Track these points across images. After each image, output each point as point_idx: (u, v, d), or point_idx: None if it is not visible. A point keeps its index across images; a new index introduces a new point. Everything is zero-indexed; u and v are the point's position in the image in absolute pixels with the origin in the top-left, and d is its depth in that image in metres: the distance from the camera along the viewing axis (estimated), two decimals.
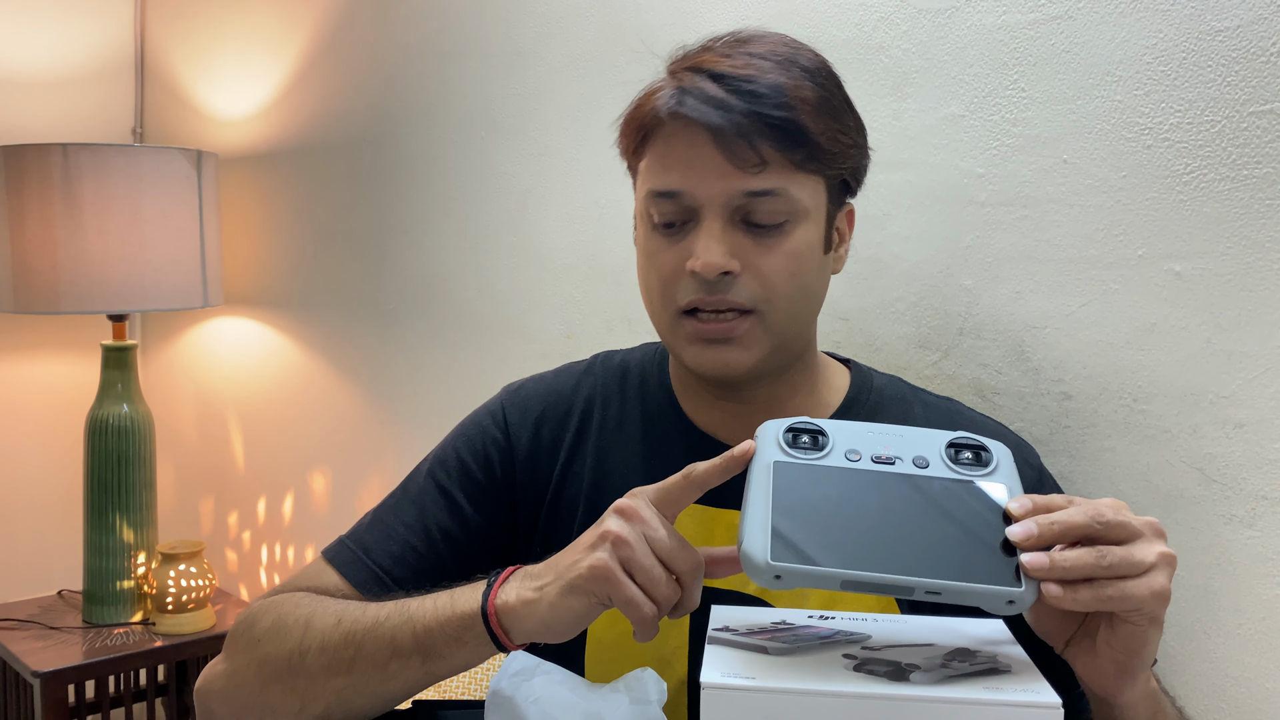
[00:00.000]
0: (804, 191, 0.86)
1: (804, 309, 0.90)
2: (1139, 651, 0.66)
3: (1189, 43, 0.97)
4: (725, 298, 0.86)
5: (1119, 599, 0.63)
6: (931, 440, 0.71)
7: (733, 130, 0.83)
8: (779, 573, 0.64)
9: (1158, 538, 0.66)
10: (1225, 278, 0.97)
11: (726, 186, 0.85)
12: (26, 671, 1.89)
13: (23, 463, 2.35)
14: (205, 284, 2.06)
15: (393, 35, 1.85)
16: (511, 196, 1.65)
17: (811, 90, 0.85)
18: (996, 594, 0.62)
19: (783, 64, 0.85)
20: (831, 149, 0.86)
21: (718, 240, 0.85)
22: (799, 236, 0.87)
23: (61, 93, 2.35)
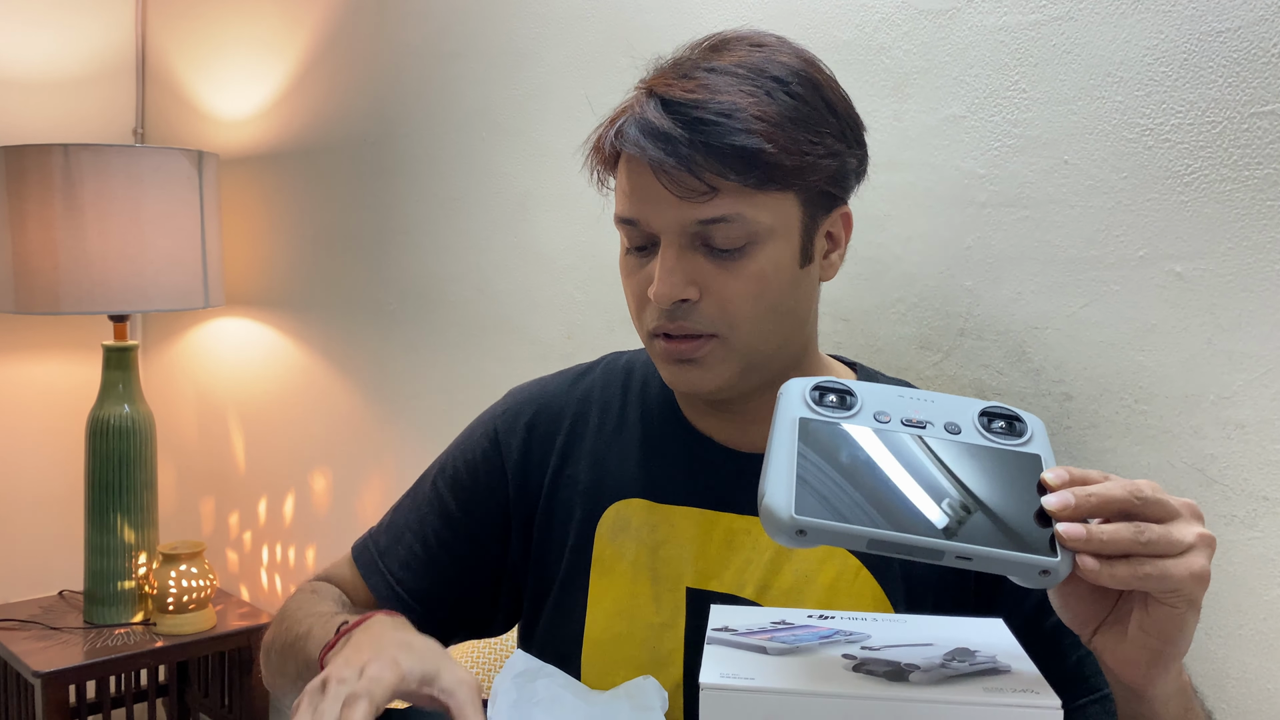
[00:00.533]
0: (765, 212, 0.83)
1: (776, 327, 0.88)
2: (1175, 638, 0.63)
3: (1190, 44, 0.97)
4: (684, 324, 0.85)
5: (1157, 577, 0.60)
6: (964, 407, 0.68)
7: (673, 162, 0.81)
8: (803, 527, 0.60)
9: (1196, 519, 0.63)
10: (1226, 279, 0.97)
11: (678, 216, 0.83)
12: (27, 672, 1.89)
13: (24, 463, 2.36)
14: (206, 284, 2.06)
15: (393, 36, 1.85)
16: (512, 197, 1.65)
17: (774, 105, 0.82)
18: (1030, 563, 0.59)
19: (747, 77, 0.83)
20: (797, 164, 0.82)
21: (670, 270, 0.84)
22: (763, 258, 0.84)
23: (63, 93, 2.36)
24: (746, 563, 0.90)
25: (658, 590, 0.92)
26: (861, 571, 0.88)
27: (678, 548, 0.92)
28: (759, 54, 0.85)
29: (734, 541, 0.91)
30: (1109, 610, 0.66)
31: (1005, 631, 0.70)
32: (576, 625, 0.93)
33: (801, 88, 0.84)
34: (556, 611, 0.96)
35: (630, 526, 0.94)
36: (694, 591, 0.91)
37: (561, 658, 0.93)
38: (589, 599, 0.94)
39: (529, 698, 0.75)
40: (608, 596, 0.93)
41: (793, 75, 0.84)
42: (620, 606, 0.92)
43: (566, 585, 0.95)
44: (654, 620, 0.91)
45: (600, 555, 0.94)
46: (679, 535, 0.92)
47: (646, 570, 0.92)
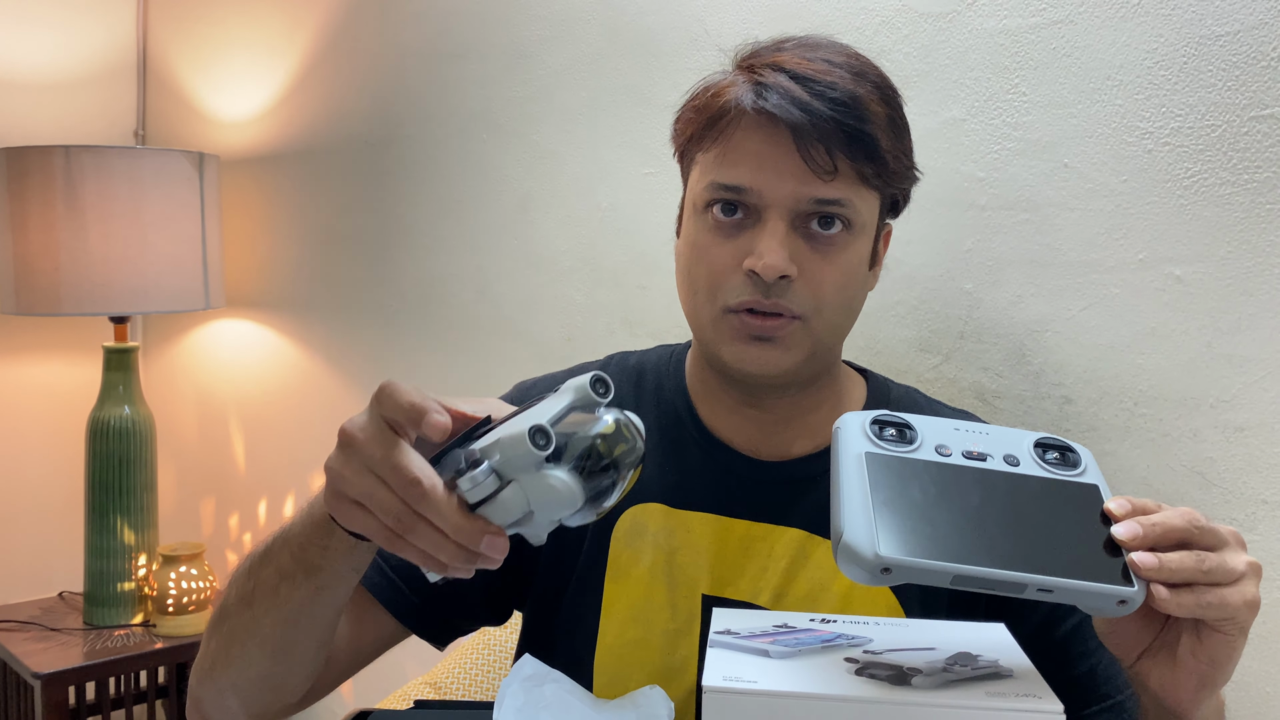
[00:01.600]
0: (865, 205, 0.86)
1: (845, 321, 0.90)
2: (1225, 664, 0.64)
3: (1190, 47, 0.98)
4: (780, 301, 0.84)
5: (1217, 605, 0.61)
6: (1018, 439, 0.69)
7: (815, 133, 0.81)
8: (889, 565, 0.60)
9: (1242, 547, 0.65)
10: (1226, 282, 0.97)
11: (797, 189, 0.83)
12: (27, 673, 1.89)
13: (24, 464, 2.35)
14: (207, 286, 2.06)
15: (394, 38, 1.85)
16: (512, 199, 1.65)
17: (884, 107, 0.84)
18: (1109, 593, 0.60)
19: (857, 76, 0.84)
20: (895, 167, 0.85)
21: (781, 243, 0.83)
22: (853, 249, 0.86)
23: (64, 95, 2.36)
24: (762, 570, 0.90)
25: (673, 596, 0.91)
26: None
27: (694, 554, 0.91)
28: (856, 60, 0.86)
29: (750, 548, 0.91)
30: (1155, 636, 0.67)
31: (1007, 636, 0.70)
32: (590, 630, 0.92)
33: (894, 99, 0.87)
34: (570, 615, 0.95)
35: (647, 531, 0.93)
36: (710, 598, 0.90)
37: (574, 662, 0.92)
38: (604, 603, 0.92)
39: (536, 701, 0.76)
40: (622, 601, 0.92)
41: (887, 86, 0.87)
42: (635, 612, 0.91)
43: (581, 589, 0.94)
44: (669, 626, 0.90)
45: (616, 559, 0.93)
46: (695, 541, 0.92)
47: (662, 576, 0.91)
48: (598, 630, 0.92)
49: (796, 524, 0.90)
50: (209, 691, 0.87)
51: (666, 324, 1.42)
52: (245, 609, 0.82)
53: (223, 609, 0.85)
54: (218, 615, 0.86)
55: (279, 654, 0.83)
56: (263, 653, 0.83)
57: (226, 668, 0.85)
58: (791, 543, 0.90)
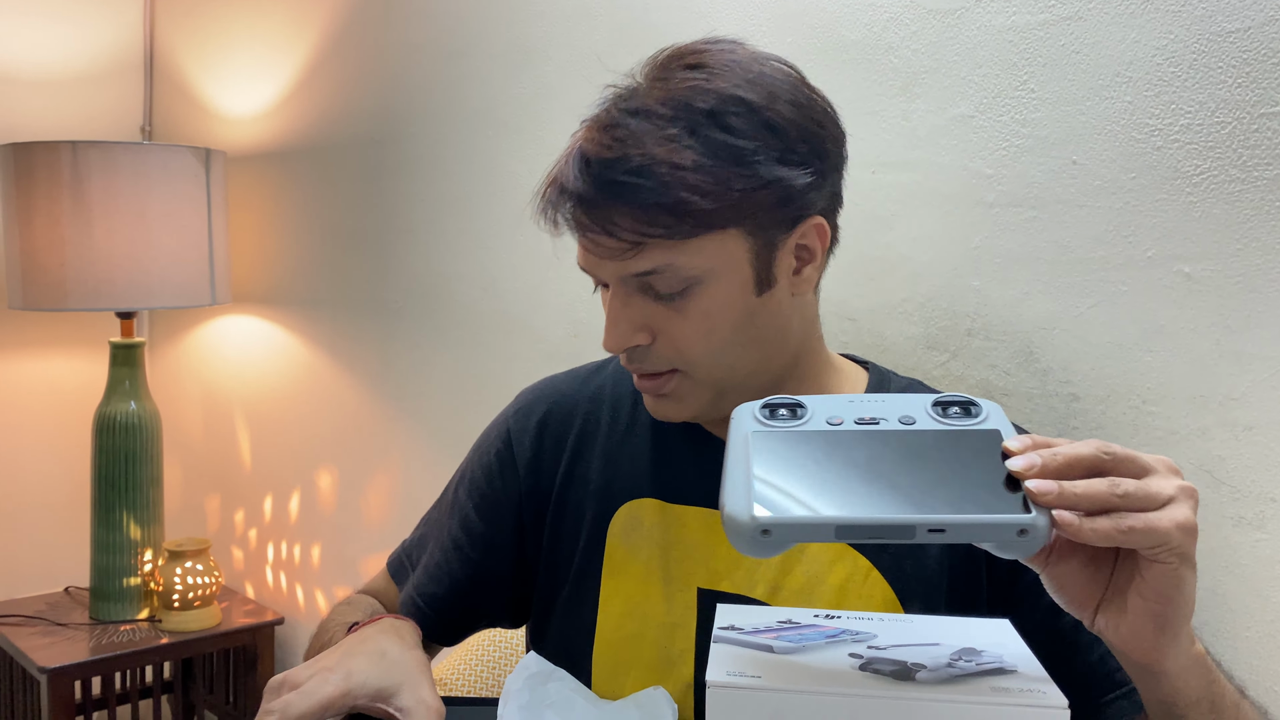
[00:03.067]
0: (698, 256, 0.82)
1: (741, 356, 0.87)
2: (1174, 597, 0.61)
3: (1199, 44, 0.97)
4: (642, 366, 0.87)
5: (1142, 531, 0.58)
6: (916, 401, 0.67)
7: (595, 228, 0.81)
8: (766, 526, 0.58)
9: (1173, 473, 0.62)
10: (1235, 279, 0.96)
11: (613, 269, 0.84)
12: (33, 667, 1.90)
13: (30, 459, 2.36)
14: (213, 282, 2.07)
15: (400, 35, 1.85)
16: (518, 196, 1.65)
17: (692, 151, 0.79)
18: (1006, 523, 0.57)
19: (670, 119, 0.80)
20: (723, 205, 0.80)
21: (615, 321, 0.85)
22: (707, 298, 0.83)
23: (70, 91, 2.36)
24: (757, 564, 0.90)
25: (669, 590, 0.92)
26: (872, 572, 0.88)
27: (689, 548, 0.92)
28: (690, 83, 0.81)
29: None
30: (1105, 586, 0.64)
31: (1012, 631, 0.70)
32: (588, 624, 0.93)
33: (734, 118, 0.80)
34: (568, 610, 0.96)
35: (643, 526, 0.94)
36: (705, 592, 0.91)
37: (572, 657, 0.93)
38: (600, 598, 0.94)
39: (541, 699, 0.76)
40: (619, 596, 0.93)
41: (725, 103, 0.80)
42: (632, 606, 0.92)
43: (578, 584, 0.95)
44: (665, 620, 0.91)
45: (612, 554, 0.94)
46: (690, 536, 0.92)
47: (658, 570, 0.92)
48: (595, 625, 0.93)
49: None
50: None
51: None
52: None
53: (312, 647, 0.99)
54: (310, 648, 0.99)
55: None
56: None
57: None
58: None
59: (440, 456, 1.83)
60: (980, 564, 0.88)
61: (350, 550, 2.04)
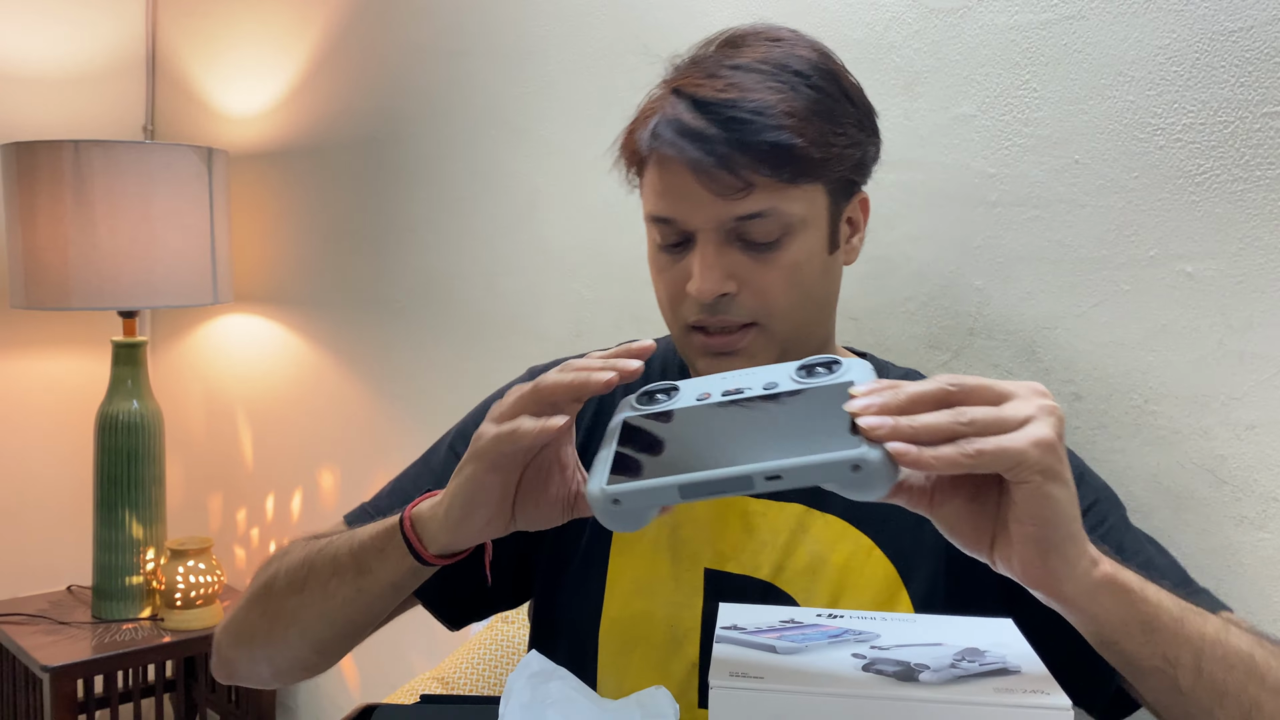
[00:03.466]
0: (798, 204, 0.85)
1: (809, 313, 0.90)
2: (1049, 517, 0.60)
3: (1202, 43, 0.97)
4: (725, 317, 0.87)
5: (993, 453, 0.58)
6: (784, 369, 0.68)
7: (712, 161, 0.82)
8: (615, 496, 0.62)
9: (1038, 395, 0.61)
10: (1237, 279, 0.96)
11: (714, 213, 0.85)
12: (36, 666, 1.90)
13: (33, 458, 2.36)
14: (215, 281, 2.07)
15: (402, 34, 1.85)
16: (520, 195, 1.65)
17: (800, 99, 0.83)
18: (838, 461, 0.57)
19: (772, 73, 0.84)
20: (825, 156, 0.85)
21: (709, 266, 0.86)
22: (796, 248, 0.86)
23: (73, 90, 2.36)
24: (762, 545, 0.92)
25: (676, 570, 0.93)
26: (874, 550, 0.90)
27: (696, 528, 0.93)
28: (778, 49, 0.86)
29: (750, 524, 0.93)
30: (992, 521, 0.64)
31: (1015, 632, 0.70)
32: (595, 603, 0.94)
33: (822, 80, 0.86)
34: (575, 588, 0.96)
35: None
36: (711, 572, 0.92)
37: (578, 635, 0.94)
38: (608, 576, 0.94)
39: (543, 698, 0.76)
40: (627, 574, 0.94)
41: (812, 68, 0.86)
42: (639, 585, 0.93)
43: (586, 562, 0.96)
44: (673, 599, 0.92)
45: (621, 534, 0.95)
46: (698, 516, 0.94)
47: (666, 550, 0.93)
48: (602, 603, 0.94)
49: (795, 499, 0.92)
50: (243, 656, 0.94)
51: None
52: (294, 594, 0.88)
53: (268, 586, 0.90)
54: (262, 589, 0.91)
55: (318, 647, 0.89)
56: (303, 641, 0.89)
57: (267, 644, 0.91)
58: (790, 517, 0.92)
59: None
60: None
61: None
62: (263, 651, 0.92)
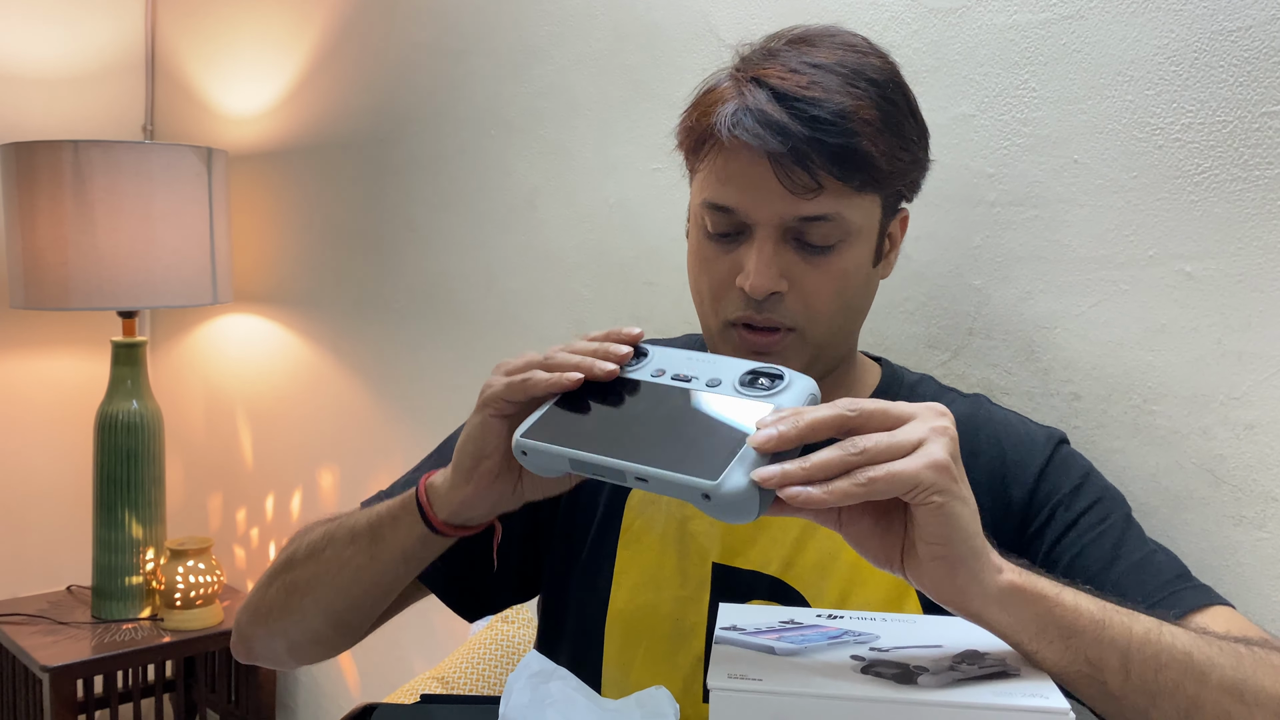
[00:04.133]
0: (858, 213, 0.86)
1: (847, 323, 0.91)
2: (950, 535, 0.61)
3: (1201, 43, 0.97)
4: (771, 317, 0.87)
5: (885, 479, 0.59)
6: (737, 367, 0.70)
7: (791, 156, 0.82)
8: (525, 448, 0.68)
9: (935, 416, 0.63)
10: (1236, 279, 0.96)
11: (781, 209, 0.84)
12: (35, 666, 1.90)
13: (32, 458, 2.36)
14: (215, 281, 2.07)
15: (402, 34, 1.85)
16: (520, 195, 1.65)
17: (875, 109, 0.83)
18: (692, 485, 0.61)
19: (848, 78, 0.83)
20: (890, 169, 0.85)
21: (768, 262, 0.85)
22: (848, 257, 0.87)
23: (73, 90, 2.36)
24: (773, 541, 0.92)
25: (684, 564, 0.93)
26: None
27: (705, 523, 0.94)
28: (853, 56, 0.86)
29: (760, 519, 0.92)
30: (901, 539, 0.64)
31: None
32: (602, 595, 0.94)
33: (894, 93, 0.86)
34: (583, 581, 0.97)
35: (660, 500, 0.95)
36: (720, 567, 0.92)
37: (585, 628, 0.94)
38: (615, 569, 0.95)
39: (542, 698, 0.76)
40: (634, 567, 0.94)
41: (887, 80, 0.86)
42: (647, 578, 0.94)
43: (594, 555, 0.96)
44: (680, 593, 0.92)
45: (629, 527, 0.95)
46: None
47: (674, 544, 0.94)
48: (610, 595, 0.94)
49: None
50: (260, 633, 0.96)
51: (674, 320, 1.42)
52: (311, 563, 0.90)
53: (289, 559, 0.93)
54: (283, 563, 0.93)
55: (332, 619, 0.91)
56: (318, 611, 0.91)
57: (284, 616, 0.93)
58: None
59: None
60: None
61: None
62: (279, 625, 0.93)
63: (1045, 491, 0.89)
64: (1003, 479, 0.90)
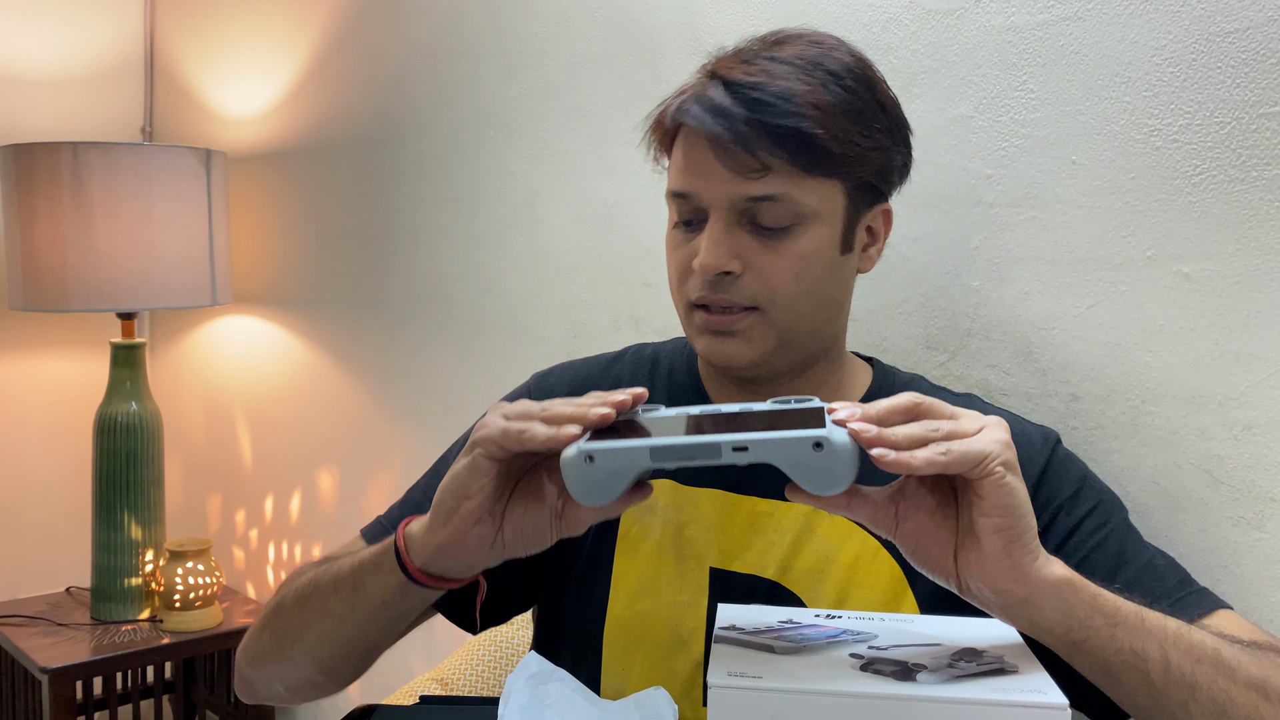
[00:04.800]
0: (812, 196, 0.87)
1: (813, 309, 0.91)
2: (1012, 504, 0.63)
3: (1198, 44, 0.97)
4: (725, 296, 0.89)
5: (962, 452, 0.62)
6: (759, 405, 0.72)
7: (731, 138, 0.84)
8: (590, 453, 0.64)
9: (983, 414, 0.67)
10: (1234, 279, 0.96)
11: (729, 190, 0.87)
12: (34, 668, 1.90)
13: (32, 460, 2.36)
14: (214, 282, 2.07)
15: (401, 35, 1.85)
16: (518, 196, 1.65)
17: (828, 95, 0.85)
18: (802, 438, 0.61)
19: (805, 68, 0.86)
20: (844, 153, 0.86)
21: (717, 242, 0.87)
22: (806, 239, 0.88)
23: (71, 91, 2.36)
24: (769, 544, 0.92)
25: (681, 570, 0.93)
26: (880, 552, 0.90)
27: (702, 528, 0.94)
28: (816, 49, 0.88)
29: (757, 524, 0.93)
30: (954, 530, 0.66)
31: (1013, 632, 0.70)
32: (600, 603, 0.95)
33: (855, 83, 0.87)
34: (580, 589, 0.97)
35: (656, 506, 0.95)
36: (717, 571, 0.92)
37: (583, 635, 0.94)
38: (613, 576, 0.95)
39: (541, 699, 0.76)
40: (631, 574, 0.94)
41: (847, 71, 0.88)
42: (644, 585, 0.94)
43: (590, 563, 0.96)
44: (677, 599, 0.92)
45: (625, 534, 0.95)
46: (703, 516, 0.94)
47: (671, 550, 0.94)
48: (607, 602, 0.94)
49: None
50: (259, 676, 0.94)
51: (672, 320, 1.41)
52: (299, 611, 0.88)
53: (279, 605, 0.91)
54: (273, 610, 0.92)
55: (322, 667, 0.89)
56: (307, 659, 0.89)
57: (277, 663, 0.91)
58: (798, 517, 0.92)
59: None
60: None
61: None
62: (275, 670, 0.92)
63: (1045, 495, 0.89)
64: None
